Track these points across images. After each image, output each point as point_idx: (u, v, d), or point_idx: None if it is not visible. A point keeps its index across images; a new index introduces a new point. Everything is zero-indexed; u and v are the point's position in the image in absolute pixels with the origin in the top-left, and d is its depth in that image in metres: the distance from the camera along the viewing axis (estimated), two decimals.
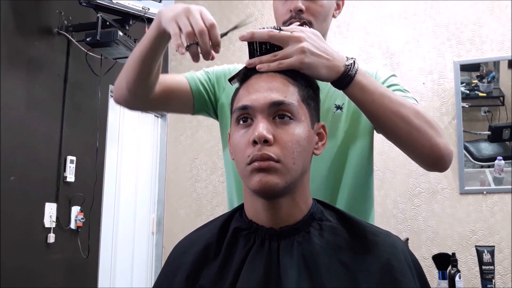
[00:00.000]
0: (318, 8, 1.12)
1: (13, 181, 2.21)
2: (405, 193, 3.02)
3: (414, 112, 0.92)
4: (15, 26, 2.28)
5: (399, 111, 0.91)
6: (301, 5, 1.10)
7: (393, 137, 0.95)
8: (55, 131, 2.50)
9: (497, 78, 2.95)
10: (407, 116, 0.91)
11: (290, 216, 0.81)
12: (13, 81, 2.25)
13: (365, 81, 0.90)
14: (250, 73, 0.86)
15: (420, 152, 0.95)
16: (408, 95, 1.06)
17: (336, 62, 0.88)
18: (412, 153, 0.98)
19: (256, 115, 0.79)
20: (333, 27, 3.31)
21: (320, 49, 0.87)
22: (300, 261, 0.78)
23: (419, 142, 0.93)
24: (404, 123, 0.91)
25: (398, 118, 0.91)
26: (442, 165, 0.97)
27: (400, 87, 1.10)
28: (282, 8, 1.14)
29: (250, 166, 0.78)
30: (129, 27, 2.55)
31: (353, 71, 0.89)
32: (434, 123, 0.95)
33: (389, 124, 0.92)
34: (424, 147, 0.93)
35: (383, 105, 0.90)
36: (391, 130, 0.93)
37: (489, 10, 3.02)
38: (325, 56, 0.87)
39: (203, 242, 0.86)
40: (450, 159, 0.97)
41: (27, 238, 2.28)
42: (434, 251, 2.58)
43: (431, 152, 0.94)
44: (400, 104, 0.92)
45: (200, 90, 1.17)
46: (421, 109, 0.96)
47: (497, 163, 2.85)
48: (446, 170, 0.99)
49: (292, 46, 0.85)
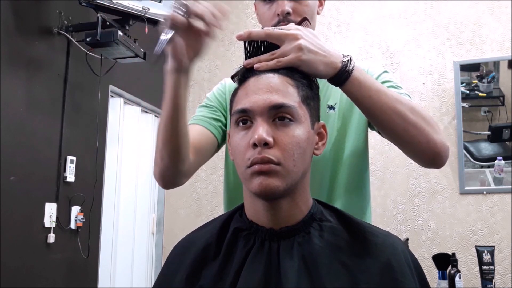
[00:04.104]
0: (304, 8, 1.13)
1: (13, 181, 2.21)
2: (405, 193, 3.02)
3: (410, 108, 0.93)
4: (15, 26, 2.28)
5: (396, 107, 0.91)
6: (288, 8, 1.10)
7: (390, 133, 0.95)
8: (55, 131, 2.50)
9: (497, 78, 2.95)
10: (403, 112, 0.91)
11: (290, 216, 0.81)
12: (13, 81, 2.25)
13: (362, 77, 0.90)
14: (248, 74, 0.85)
15: (417, 148, 0.95)
16: (401, 91, 1.07)
17: (333, 59, 0.88)
18: (408, 149, 0.97)
19: (255, 117, 0.79)
20: (333, 27, 3.31)
21: (316, 46, 0.87)
22: (300, 262, 0.78)
23: (416, 138, 0.93)
24: (400, 119, 0.91)
25: (395, 114, 0.91)
26: (439, 162, 0.97)
27: (393, 83, 1.10)
28: (268, 12, 1.14)
29: (251, 169, 0.77)
30: (129, 27, 2.55)
31: (350, 67, 0.89)
32: (430, 120, 0.95)
33: (385, 120, 0.92)
34: (421, 143, 0.93)
35: (379, 101, 0.90)
36: (388, 126, 0.93)
37: (489, 10, 3.02)
38: (322, 53, 0.87)
39: (203, 242, 0.85)
40: (447, 155, 0.97)
41: (27, 238, 2.28)
42: (434, 251, 2.59)
43: (428, 148, 0.94)
44: (396, 100, 0.92)
45: (217, 128, 1.16)
46: (417, 105, 0.96)
47: (497, 163, 2.85)
48: (442, 166, 0.99)
49: (289, 43, 0.85)
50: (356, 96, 0.90)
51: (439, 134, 0.95)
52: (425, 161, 0.99)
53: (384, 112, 0.91)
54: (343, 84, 0.89)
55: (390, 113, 0.91)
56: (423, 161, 0.99)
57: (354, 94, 0.90)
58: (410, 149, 0.97)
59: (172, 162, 0.98)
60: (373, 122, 0.97)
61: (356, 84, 0.89)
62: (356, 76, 0.89)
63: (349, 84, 0.89)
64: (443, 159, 0.97)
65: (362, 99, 0.90)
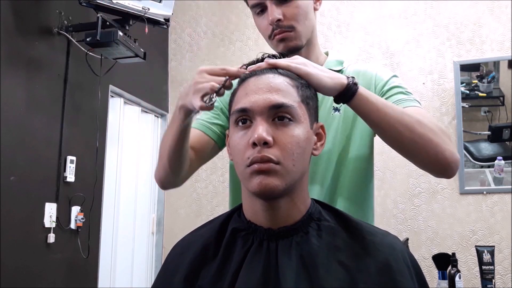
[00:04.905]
0: (295, 10, 1.11)
1: (13, 181, 2.21)
2: (405, 193, 3.02)
3: (417, 121, 0.94)
4: (15, 26, 2.28)
5: (403, 119, 0.93)
6: (277, 15, 1.10)
7: (398, 145, 0.97)
8: (55, 131, 2.50)
9: (497, 78, 2.95)
10: (410, 124, 0.93)
11: (289, 216, 0.81)
12: (13, 81, 2.25)
13: (367, 93, 0.92)
14: (249, 74, 0.85)
15: (426, 160, 0.96)
16: (410, 97, 1.07)
17: (338, 76, 0.91)
18: (417, 161, 0.99)
19: (255, 117, 0.79)
20: (333, 27, 3.31)
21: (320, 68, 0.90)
22: (298, 262, 0.78)
23: (423, 150, 0.94)
24: (407, 130, 0.93)
25: (402, 126, 0.93)
26: (449, 172, 0.98)
27: (403, 89, 1.10)
28: (262, 23, 1.14)
29: (250, 168, 0.78)
30: (129, 27, 2.55)
31: (356, 81, 0.91)
32: (439, 131, 0.96)
33: (393, 132, 0.94)
34: (429, 154, 0.94)
35: (387, 114, 0.92)
36: (396, 138, 0.95)
37: (489, 10, 3.02)
38: (327, 71, 0.90)
39: (202, 243, 0.86)
40: (457, 165, 0.98)
41: (27, 238, 2.28)
42: (434, 251, 2.58)
43: (436, 159, 0.95)
44: (402, 113, 0.94)
45: (216, 132, 1.18)
46: (424, 116, 0.97)
47: (497, 163, 2.85)
48: (452, 176, 1.00)
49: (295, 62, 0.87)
50: (364, 110, 0.92)
51: (448, 145, 0.96)
52: (435, 172, 1.00)
53: (391, 125, 0.93)
54: (351, 99, 0.91)
55: (398, 126, 0.93)
56: (433, 171, 1.00)
57: (362, 108, 0.92)
58: (419, 160, 0.98)
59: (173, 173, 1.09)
60: (381, 135, 0.99)
61: (364, 99, 0.91)
62: (362, 91, 0.91)
63: (356, 99, 0.91)
64: (453, 170, 0.98)
65: (369, 113, 0.92)
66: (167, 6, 2.55)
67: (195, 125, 1.18)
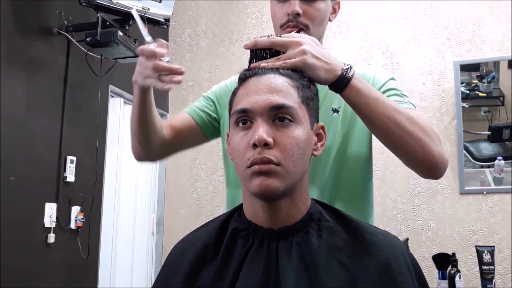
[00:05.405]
0: (315, 12, 1.13)
1: (13, 181, 2.21)
2: (405, 193, 3.02)
3: (408, 118, 0.94)
4: (15, 26, 2.28)
5: (393, 115, 0.93)
6: (299, 9, 1.11)
7: (387, 141, 0.97)
8: (55, 131, 2.50)
9: (497, 78, 2.95)
10: (400, 121, 0.93)
11: (289, 216, 0.81)
12: (13, 81, 2.25)
13: (361, 85, 0.92)
14: (250, 74, 0.86)
15: (413, 158, 0.97)
16: (405, 99, 1.07)
17: (334, 66, 0.91)
18: (405, 158, 0.99)
19: (256, 118, 0.79)
20: (333, 27, 3.31)
21: (319, 53, 0.90)
22: (298, 262, 0.78)
23: (412, 148, 0.94)
24: (397, 127, 0.93)
25: (391, 123, 0.93)
26: (436, 172, 0.98)
27: (398, 91, 1.10)
28: (280, 11, 1.15)
29: (250, 169, 0.78)
30: (129, 27, 2.55)
31: (349, 74, 0.91)
32: (429, 130, 0.96)
33: (382, 128, 0.94)
34: (417, 152, 0.94)
35: (377, 109, 0.92)
36: (385, 134, 0.95)
37: (489, 10, 3.02)
38: (324, 59, 0.90)
39: (202, 243, 0.85)
40: (445, 167, 0.98)
41: (27, 238, 2.28)
42: (434, 251, 2.59)
43: (424, 158, 0.95)
44: (394, 109, 0.94)
45: (203, 118, 1.22)
46: (416, 115, 0.97)
47: (497, 163, 2.85)
48: (440, 177, 1.00)
49: (293, 49, 0.88)
50: (354, 102, 0.93)
51: (437, 145, 0.96)
52: (422, 171, 1.00)
53: (381, 120, 0.93)
54: (342, 90, 0.92)
55: (387, 121, 0.93)
56: (420, 170, 1.00)
57: (353, 101, 0.93)
58: (407, 158, 0.98)
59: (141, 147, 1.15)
60: (371, 129, 0.99)
61: (355, 91, 0.92)
62: (355, 84, 0.91)
63: (347, 90, 0.92)
64: (440, 170, 0.98)
65: (360, 106, 0.93)
66: (167, 6, 2.55)
67: (186, 109, 1.25)
